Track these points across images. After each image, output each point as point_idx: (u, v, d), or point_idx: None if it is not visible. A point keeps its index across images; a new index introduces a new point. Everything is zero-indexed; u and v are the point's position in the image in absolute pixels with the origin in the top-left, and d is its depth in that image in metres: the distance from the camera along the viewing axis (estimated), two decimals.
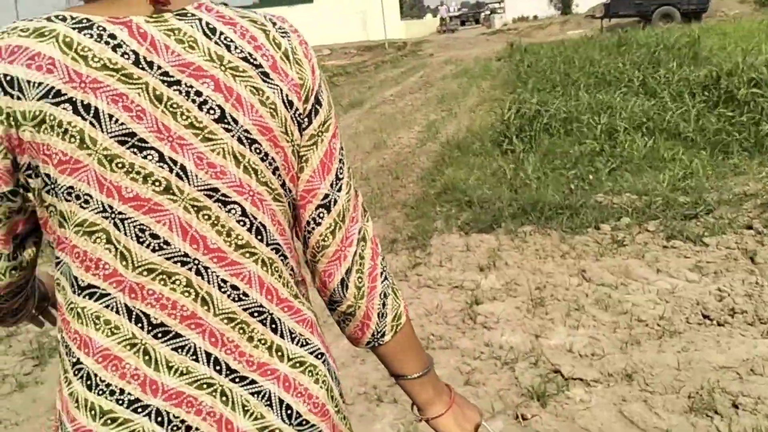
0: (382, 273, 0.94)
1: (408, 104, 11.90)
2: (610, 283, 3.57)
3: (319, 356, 0.86)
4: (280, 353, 0.82)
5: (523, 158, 6.04)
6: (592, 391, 2.61)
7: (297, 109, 0.82)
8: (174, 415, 0.76)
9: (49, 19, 0.73)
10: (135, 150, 0.73)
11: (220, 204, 0.77)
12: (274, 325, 0.82)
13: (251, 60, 0.78)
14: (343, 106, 12.15)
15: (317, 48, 30.46)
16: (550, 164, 5.78)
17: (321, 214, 0.88)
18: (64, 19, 0.73)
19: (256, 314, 0.81)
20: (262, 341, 0.81)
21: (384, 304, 0.94)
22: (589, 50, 13.89)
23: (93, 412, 0.75)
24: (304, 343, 0.85)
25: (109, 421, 0.75)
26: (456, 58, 22.78)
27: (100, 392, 0.75)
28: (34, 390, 3.12)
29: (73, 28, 0.72)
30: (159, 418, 0.76)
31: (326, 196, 0.87)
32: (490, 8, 52.70)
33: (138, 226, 0.74)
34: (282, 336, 0.83)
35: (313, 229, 0.88)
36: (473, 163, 6.32)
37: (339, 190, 0.89)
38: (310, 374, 0.84)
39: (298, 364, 0.83)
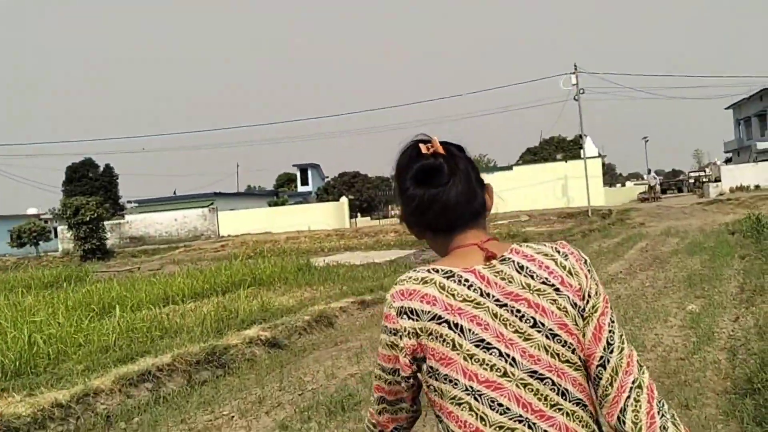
0: (659, 411, 1.24)
1: (646, 285, 9.86)
2: None
3: None
4: None
5: None
6: None
7: (579, 306, 1.27)
8: None
9: (428, 271, 1.29)
10: (484, 349, 1.22)
11: (538, 380, 1.22)
12: None
13: (548, 282, 1.26)
14: None
15: (515, 214, 29.49)
16: None
17: (600, 372, 1.27)
18: (437, 271, 1.28)
19: None
20: None
21: None
22: None
23: None
24: None
25: None
26: (674, 228, 20.28)
27: None
28: None
29: (444, 277, 1.27)
30: None
31: (601, 357, 1.27)
32: (693, 176, 49.27)
33: (489, 398, 1.22)
34: None
35: (598, 383, 1.27)
36: None
37: (611, 352, 1.27)
38: None
39: None
